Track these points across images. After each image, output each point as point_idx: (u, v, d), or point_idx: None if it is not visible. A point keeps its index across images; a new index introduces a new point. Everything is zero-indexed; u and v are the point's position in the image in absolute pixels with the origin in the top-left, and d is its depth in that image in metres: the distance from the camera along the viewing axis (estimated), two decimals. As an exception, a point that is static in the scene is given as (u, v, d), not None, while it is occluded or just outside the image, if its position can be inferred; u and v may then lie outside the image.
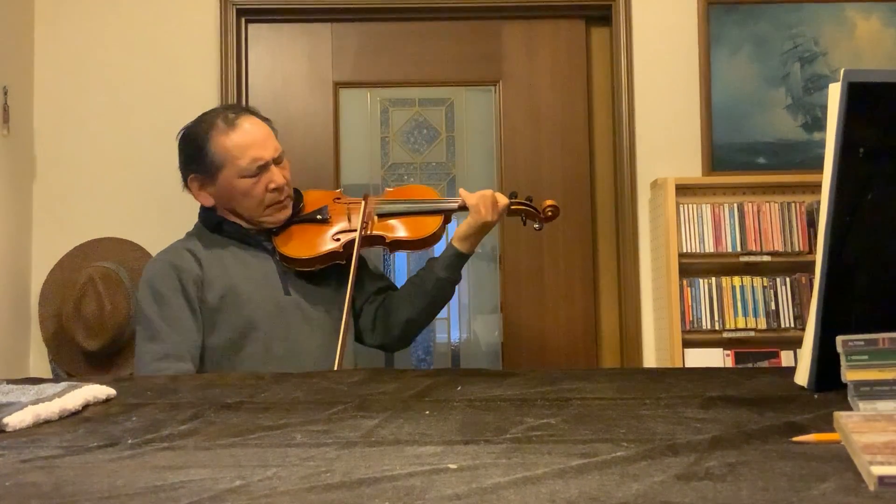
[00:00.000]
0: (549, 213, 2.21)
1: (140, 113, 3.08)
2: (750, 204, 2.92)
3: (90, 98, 3.08)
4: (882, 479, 0.69)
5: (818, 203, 1.63)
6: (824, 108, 2.98)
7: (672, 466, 0.78)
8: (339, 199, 2.17)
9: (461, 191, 2.15)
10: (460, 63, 3.18)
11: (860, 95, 1.03)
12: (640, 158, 3.10)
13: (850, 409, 0.99)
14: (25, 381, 1.31)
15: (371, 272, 2.22)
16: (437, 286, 2.12)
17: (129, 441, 0.95)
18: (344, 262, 2.07)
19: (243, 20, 3.14)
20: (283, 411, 1.10)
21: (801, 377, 1.15)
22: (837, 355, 1.01)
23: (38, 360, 3.00)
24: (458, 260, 2.11)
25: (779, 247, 2.89)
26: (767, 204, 2.91)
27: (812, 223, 2.89)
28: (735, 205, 2.92)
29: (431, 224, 2.11)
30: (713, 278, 2.89)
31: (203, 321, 1.99)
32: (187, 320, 1.96)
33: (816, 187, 2.27)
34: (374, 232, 2.08)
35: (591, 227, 3.15)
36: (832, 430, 0.86)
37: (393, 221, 2.11)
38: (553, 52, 3.20)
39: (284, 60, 3.17)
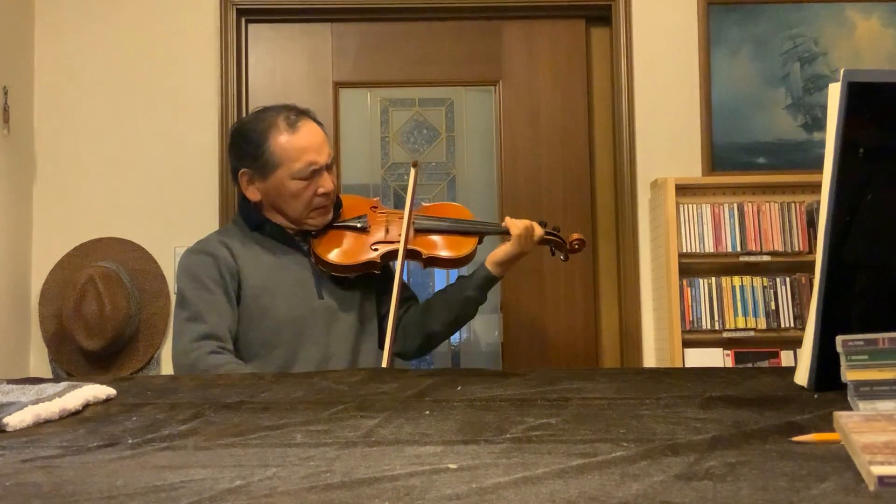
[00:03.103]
0: (577, 246, 2.26)
1: (140, 113, 3.08)
2: (750, 204, 2.92)
3: (90, 98, 3.08)
4: (882, 479, 0.69)
5: (818, 203, 1.63)
6: (824, 108, 2.98)
7: (672, 466, 0.78)
8: (376, 207, 2.20)
9: (508, 218, 2.19)
10: (460, 63, 3.18)
11: (860, 95, 1.03)
12: (640, 158, 3.10)
13: (850, 409, 0.99)
14: (25, 381, 1.31)
15: (393, 281, 2.24)
16: (465, 304, 2.17)
17: (129, 441, 0.95)
18: (378, 272, 2.11)
19: (243, 20, 3.15)
20: (283, 411, 1.10)
21: (801, 377, 1.15)
22: (837, 355, 1.01)
23: (38, 360, 3.00)
24: (489, 282, 2.17)
25: (779, 247, 2.89)
26: (767, 204, 2.91)
27: (812, 223, 2.89)
28: (735, 205, 2.92)
29: (468, 244, 2.15)
30: (713, 278, 2.89)
31: (238, 314, 2.02)
32: (225, 306, 1.99)
33: (816, 187, 2.27)
34: (413, 246, 2.11)
35: (591, 227, 3.15)
36: (832, 430, 0.86)
37: (432, 238, 2.14)
38: (553, 52, 3.20)
39: (284, 60, 3.17)
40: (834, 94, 1.04)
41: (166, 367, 2.99)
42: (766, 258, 2.89)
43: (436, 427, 0.98)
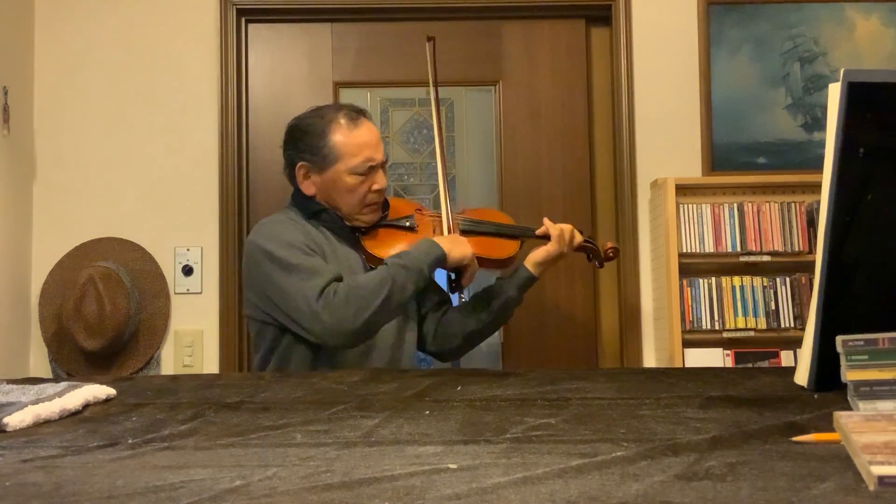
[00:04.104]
0: (611, 255, 2.34)
1: (140, 113, 3.08)
2: (750, 204, 2.92)
3: (90, 98, 3.08)
4: (882, 479, 0.69)
5: (818, 203, 1.63)
6: (824, 108, 2.98)
7: (672, 466, 0.78)
8: (420, 209, 2.26)
9: (546, 220, 2.25)
10: (460, 63, 3.17)
11: (860, 95, 1.03)
12: (640, 158, 3.10)
13: (850, 409, 0.99)
14: (25, 381, 1.31)
15: (435, 282, 2.27)
16: (505, 304, 2.21)
17: (129, 441, 0.95)
18: None
19: (243, 20, 3.14)
20: (283, 411, 1.10)
21: (801, 377, 1.15)
22: (837, 355, 1.01)
23: (38, 360, 3.00)
24: (529, 282, 2.22)
25: (779, 247, 2.89)
26: (767, 204, 2.91)
27: (812, 223, 2.89)
28: (735, 205, 2.91)
29: (511, 247, 2.22)
30: (713, 278, 2.88)
31: None
32: (326, 264, 2.00)
33: (816, 187, 2.26)
34: None
35: (592, 227, 3.14)
36: (832, 430, 0.87)
37: (477, 239, 2.19)
38: (553, 52, 3.19)
39: (284, 60, 3.17)
40: (834, 94, 1.04)
41: (166, 367, 3.00)
42: (766, 258, 2.89)
43: (436, 427, 0.98)
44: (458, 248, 2.06)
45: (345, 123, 2.11)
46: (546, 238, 2.21)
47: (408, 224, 2.18)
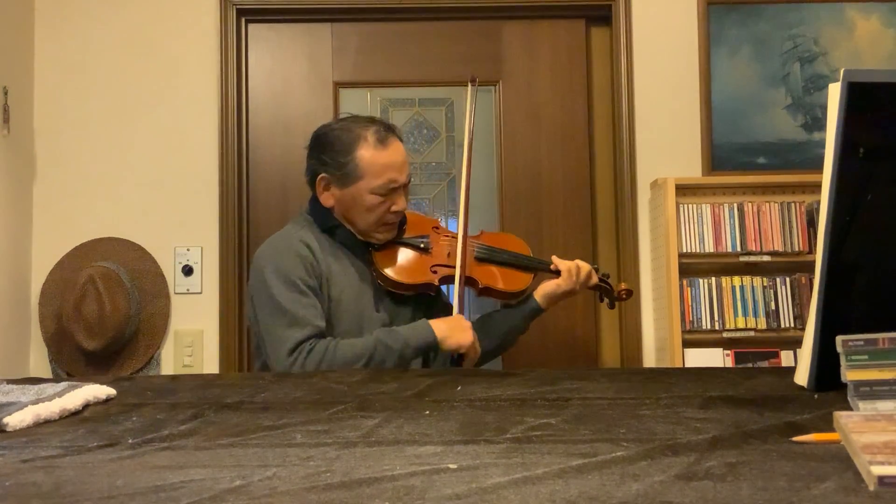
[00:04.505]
0: (624, 296, 2.32)
1: (140, 113, 3.08)
2: (750, 204, 2.92)
3: (90, 98, 3.08)
4: (882, 479, 0.69)
5: (818, 203, 1.63)
6: (824, 108, 2.98)
7: (672, 466, 0.78)
8: (437, 228, 2.22)
9: (554, 258, 2.23)
10: (460, 63, 3.17)
11: (860, 95, 1.03)
12: (640, 158, 3.10)
13: (850, 409, 0.99)
14: (25, 381, 1.31)
15: (444, 302, 2.25)
16: (511, 332, 2.22)
17: (129, 441, 0.95)
18: (433, 293, 2.14)
19: (243, 20, 3.14)
20: (283, 411, 1.10)
21: (801, 377, 1.15)
22: (837, 355, 1.01)
23: (38, 360, 3.00)
24: (536, 314, 2.22)
25: (779, 247, 2.89)
26: (767, 204, 2.91)
27: (812, 223, 2.89)
28: (735, 205, 2.91)
29: (524, 280, 2.19)
30: (713, 278, 2.88)
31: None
32: (318, 305, 1.98)
33: (816, 187, 2.26)
34: (471, 275, 2.13)
35: (591, 227, 3.15)
36: (832, 430, 0.86)
37: (491, 268, 2.17)
38: (553, 52, 3.19)
39: (284, 60, 3.17)
40: (834, 94, 1.04)
41: (166, 367, 3.00)
42: (766, 258, 2.89)
43: (436, 427, 0.98)
44: (456, 336, 2.00)
45: (373, 142, 2.06)
46: (557, 273, 2.20)
47: (422, 245, 2.14)
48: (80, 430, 1.02)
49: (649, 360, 3.03)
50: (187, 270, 3.02)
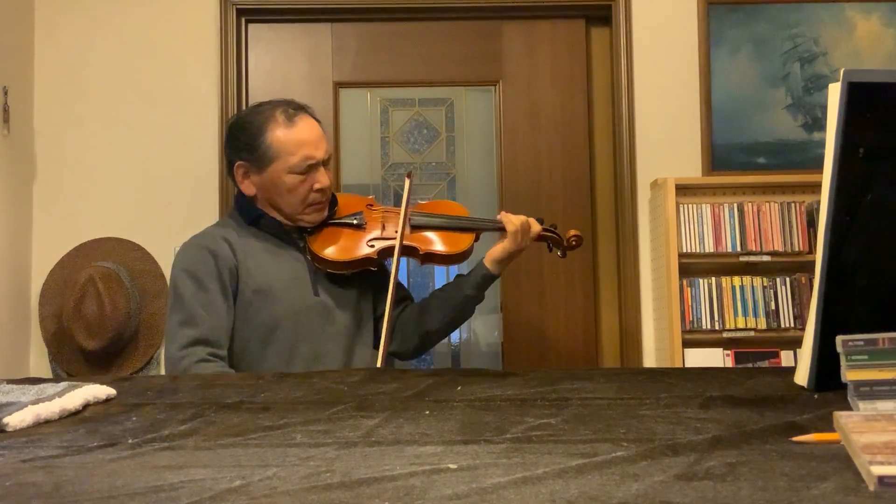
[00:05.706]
0: (574, 243, 2.25)
1: (140, 112, 3.08)
2: (750, 204, 2.92)
3: (90, 98, 3.08)
4: (882, 479, 0.69)
5: (818, 203, 1.63)
6: (824, 108, 2.98)
7: (672, 466, 0.78)
8: (371, 205, 2.18)
9: (503, 213, 2.17)
10: (460, 63, 3.18)
11: (860, 95, 1.03)
12: (640, 158, 3.10)
13: (850, 409, 0.99)
14: (25, 381, 1.31)
15: (393, 281, 2.23)
16: (464, 303, 2.16)
17: (129, 441, 0.95)
18: (375, 268, 2.10)
19: (243, 20, 3.14)
20: (283, 411, 1.10)
21: (801, 377, 1.15)
22: (837, 355, 1.01)
23: (38, 360, 3.00)
24: (488, 280, 2.15)
25: (779, 247, 2.89)
26: (767, 204, 2.91)
27: (812, 223, 2.89)
28: (735, 205, 2.91)
29: (465, 241, 2.13)
30: (713, 278, 2.88)
31: (234, 312, 2.00)
32: (221, 307, 1.97)
33: (816, 187, 2.26)
34: (409, 243, 2.09)
35: (591, 227, 3.15)
36: (832, 430, 0.86)
37: (428, 234, 2.13)
38: (553, 52, 3.20)
39: (284, 60, 3.17)
40: (834, 94, 1.04)
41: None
42: (766, 258, 2.89)
43: (436, 427, 0.98)
44: None
45: (282, 121, 2.03)
46: (502, 229, 2.13)
47: (355, 221, 2.10)
48: (80, 430, 1.02)
49: (649, 360, 3.03)
50: (187, 270, 3.01)
